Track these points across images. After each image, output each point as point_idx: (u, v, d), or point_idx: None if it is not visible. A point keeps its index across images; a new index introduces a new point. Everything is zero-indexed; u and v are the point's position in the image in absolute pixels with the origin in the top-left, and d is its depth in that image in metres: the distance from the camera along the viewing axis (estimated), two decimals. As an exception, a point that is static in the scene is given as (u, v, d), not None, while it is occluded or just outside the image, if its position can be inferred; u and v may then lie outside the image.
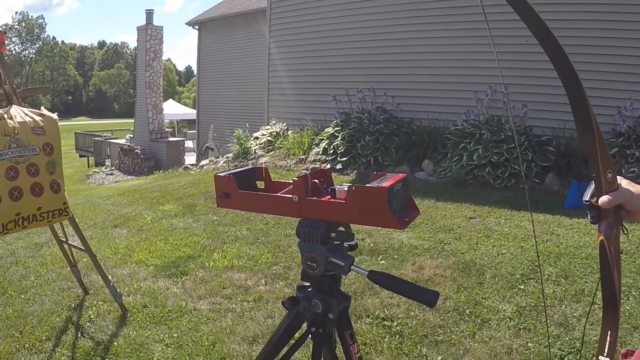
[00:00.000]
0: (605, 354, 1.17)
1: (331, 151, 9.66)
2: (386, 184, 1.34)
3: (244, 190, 1.55)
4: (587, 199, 1.22)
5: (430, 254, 5.06)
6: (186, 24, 22.89)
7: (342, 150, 9.44)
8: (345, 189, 1.38)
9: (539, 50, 1.08)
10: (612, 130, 7.64)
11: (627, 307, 3.69)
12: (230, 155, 12.11)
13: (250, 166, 1.77)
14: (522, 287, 4.20)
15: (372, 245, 5.31)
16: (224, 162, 11.84)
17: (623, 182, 1.22)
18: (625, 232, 1.25)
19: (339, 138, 9.63)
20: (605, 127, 7.61)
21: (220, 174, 1.57)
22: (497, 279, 4.38)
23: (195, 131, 24.26)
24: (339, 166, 9.31)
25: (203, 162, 13.31)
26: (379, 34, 10.53)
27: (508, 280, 4.34)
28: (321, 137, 10.21)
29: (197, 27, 22.42)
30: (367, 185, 1.35)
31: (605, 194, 1.17)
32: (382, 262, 4.93)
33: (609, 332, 1.19)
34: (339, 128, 9.89)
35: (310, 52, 11.75)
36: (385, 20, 10.47)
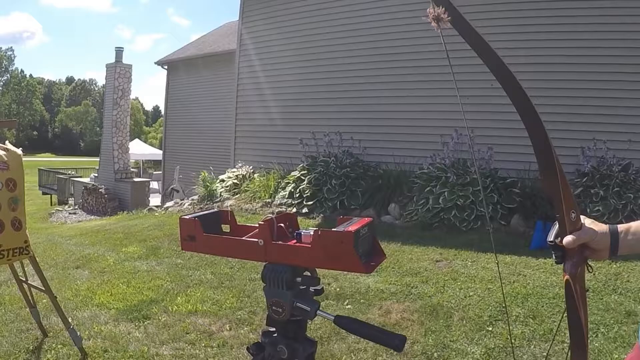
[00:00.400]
0: None
1: (297, 195, 9.64)
2: (352, 228, 1.33)
3: (209, 233, 1.53)
4: (552, 239, 1.24)
5: (397, 297, 5.04)
6: (155, 63, 22.93)
7: (309, 193, 9.43)
8: (311, 233, 1.37)
9: (503, 93, 1.09)
10: (576, 171, 7.82)
11: (596, 345, 3.71)
12: (195, 197, 12.03)
13: (215, 209, 1.75)
14: (490, 328, 4.20)
15: (338, 289, 5.27)
16: (189, 205, 11.74)
17: (586, 222, 1.25)
18: (591, 270, 1.27)
19: (305, 181, 9.63)
20: (570, 168, 7.79)
21: (185, 217, 1.55)
22: (464, 322, 4.37)
23: (160, 172, 24.08)
24: (305, 210, 9.28)
25: (168, 204, 13.19)
26: (345, 78, 10.67)
27: (476, 322, 4.33)
28: (287, 181, 10.19)
29: (166, 67, 22.46)
30: (333, 229, 1.34)
31: (569, 234, 1.19)
32: (349, 306, 4.89)
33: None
34: (305, 171, 9.90)
35: (277, 95, 11.82)
36: (350, 65, 10.62)
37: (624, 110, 8.10)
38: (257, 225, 1.47)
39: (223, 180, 11.86)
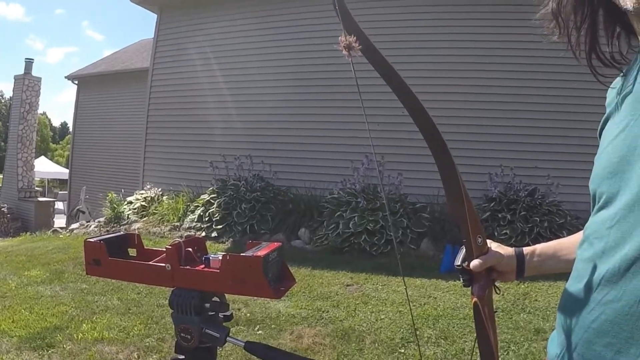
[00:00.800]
0: None
1: (207, 218, 9.49)
2: (261, 252, 1.30)
3: (115, 257, 1.45)
4: (459, 263, 1.25)
5: (308, 322, 5.00)
6: (66, 77, 21.91)
7: (218, 217, 9.30)
8: (220, 257, 1.33)
9: (412, 121, 1.10)
10: (484, 196, 8.09)
11: (504, 367, 3.80)
12: (102, 219, 11.64)
13: (122, 232, 1.67)
14: (403, 350, 4.22)
15: (248, 315, 5.19)
16: (95, 227, 11.34)
17: (493, 245, 1.27)
18: (499, 292, 1.29)
19: (215, 205, 9.50)
20: (478, 193, 8.06)
21: (90, 240, 1.46)
22: (377, 344, 4.38)
23: (66, 192, 23.13)
24: (214, 234, 9.14)
25: (73, 226, 12.68)
26: (257, 102, 10.65)
27: (388, 344, 4.36)
28: (197, 204, 10.02)
29: (76, 82, 21.50)
30: (241, 254, 1.30)
31: (476, 258, 1.20)
32: (260, 332, 4.81)
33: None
34: (215, 195, 9.77)
35: (188, 117, 11.64)
36: (262, 89, 10.62)
37: (530, 138, 8.47)
38: (165, 249, 1.42)
39: (131, 202, 11.54)
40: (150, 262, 1.44)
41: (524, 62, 8.75)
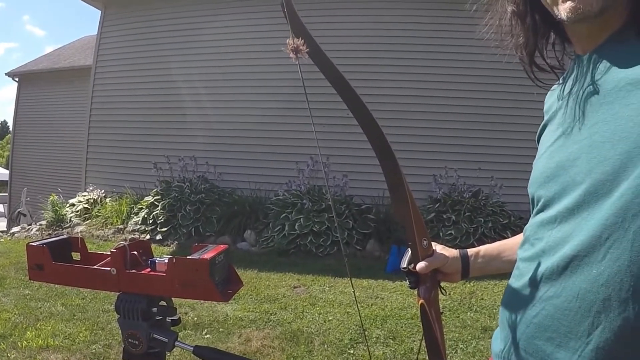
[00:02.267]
0: None
1: (151, 221, 9.34)
2: (208, 255, 1.28)
3: (58, 261, 1.40)
4: (405, 265, 1.27)
5: (256, 325, 4.97)
6: (6, 74, 21.15)
7: (163, 220, 9.17)
8: (166, 261, 1.30)
9: (357, 122, 1.11)
10: (429, 197, 8.22)
11: (452, 364, 3.85)
12: (44, 222, 11.34)
13: (65, 235, 1.62)
14: (352, 351, 4.24)
15: (196, 319, 5.13)
16: (37, 230, 11.02)
17: (437, 247, 1.31)
18: (445, 292, 1.33)
19: (159, 207, 9.36)
20: (423, 194, 8.18)
21: (32, 244, 1.41)
22: (326, 346, 4.38)
23: (6, 194, 22.43)
24: (159, 237, 9.01)
25: (14, 229, 12.29)
26: (200, 102, 10.54)
27: (337, 345, 4.36)
28: (141, 206, 9.85)
29: (17, 79, 20.74)
30: (188, 257, 1.28)
31: (422, 260, 1.23)
32: (208, 336, 4.76)
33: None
34: (159, 197, 9.62)
35: (131, 116, 11.40)
36: (205, 89, 10.52)
37: (474, 140, 8.63)
38: (109, 253, 1.38)
39: (73, 205, 11.25)
40: (94, 267, 1.40)
41: (467, 66, 8.92)
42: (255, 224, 8.89)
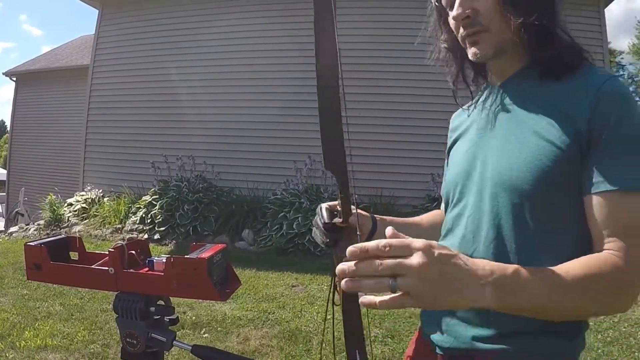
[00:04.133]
0: None
1: (149, 220, 9.33)
2: (205, 254, 1.28)
3: (56, 261, 1.40)
4: (327, 221, 1.33)
5: (254, 324, 4.98)
6: (4, 74, 21.08)
7: (161, 219, 9.17)
8: (164, 260, 1.30)
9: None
10: (427, 196, 8.28)
11: None
12: (41, 222, 11.32)
13: (63, 235, 1.63)
14: (349, 351, 4.24)
15: (194, 318, 5.13)
16: (35, 230, 11.01)
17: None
18: None
19: (157, 207, 9.35)
20: (421, 193, 8.29)
21: (30, 243, 1.41)
22: (324, 345, 4.38)
23: (4, 194, 22.37)
24: (157, 236, 9.00)
25: (12, 229, 12.28)
26: (198, 101, 10.54)
27: (335, 345, 4.36)
28: (139, 206, 9.84)
29: (14, 79, 20.65)
30: (186, 256, 1.28)
31: (345, 217, 1.27)
32: (206, 335, 4.76)
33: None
34: (157, 196, 9.61)
35: (130, 116, 11.39)
36: (202, 88, 10.52)
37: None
38: (107, 252, 1.38)
39: (71, 204, 11.25)
40: (92, 266, 1.40)
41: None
42: (254, 223, 8.90)
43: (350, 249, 0.87)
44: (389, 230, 0.91)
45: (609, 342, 4.33)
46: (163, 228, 9.09)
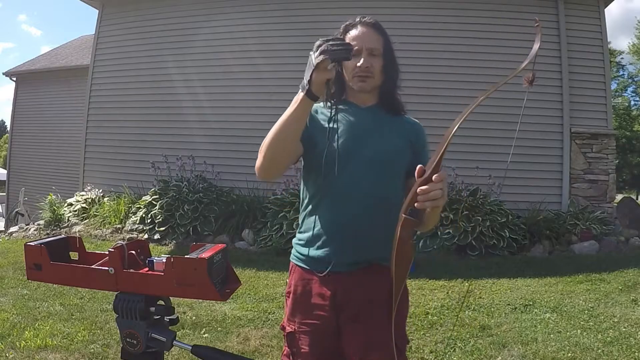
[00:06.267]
0: None
1: (149, 220, 9.33)
2: (206, 254, 1.28)
3: (56, 261, 1.40)
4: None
5: (254, 324, 4.98)
6: (4, 74, 21.08)
7: (161, 219, 9.16)
8: (164, 260, 1.30)
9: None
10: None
11: (454, 359, 3.86)
12: (41, 222, 11.31)
13: (63, 235, 1.63)
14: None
15: (194, 318, 5.13)
16: (35, 230, 11.00)
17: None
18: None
19: (157, 207, 9.35)
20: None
21: (30, 244, 1.42)
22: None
23: (4, 194, 22.32)
24: (157, 236, 9.00)
25: (13, 229, 12.26)
26: (198, 101, 10.55)
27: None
28: (138, 206, 9.84)
29: (14, 79, 20.65)
30: (186, 256, 1.28)
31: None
32: (206, 335, 4.76)
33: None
34: (157, 196, 9.60)
35: (130, 116, 11.38)
36: (203, 89, 10.53)
37: (472, 139, 8.59)
38: (107, 252, 1.38)
39: (71, 204, 11.24)
40: (93, 266, 1.40)
41: (465, 65, 8.96)
42: (253, 223, 8.90)
43: (441, 174, 1.65)
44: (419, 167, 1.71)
45: (609, 342, 4.31)
46: (163, 228, 9.09)
